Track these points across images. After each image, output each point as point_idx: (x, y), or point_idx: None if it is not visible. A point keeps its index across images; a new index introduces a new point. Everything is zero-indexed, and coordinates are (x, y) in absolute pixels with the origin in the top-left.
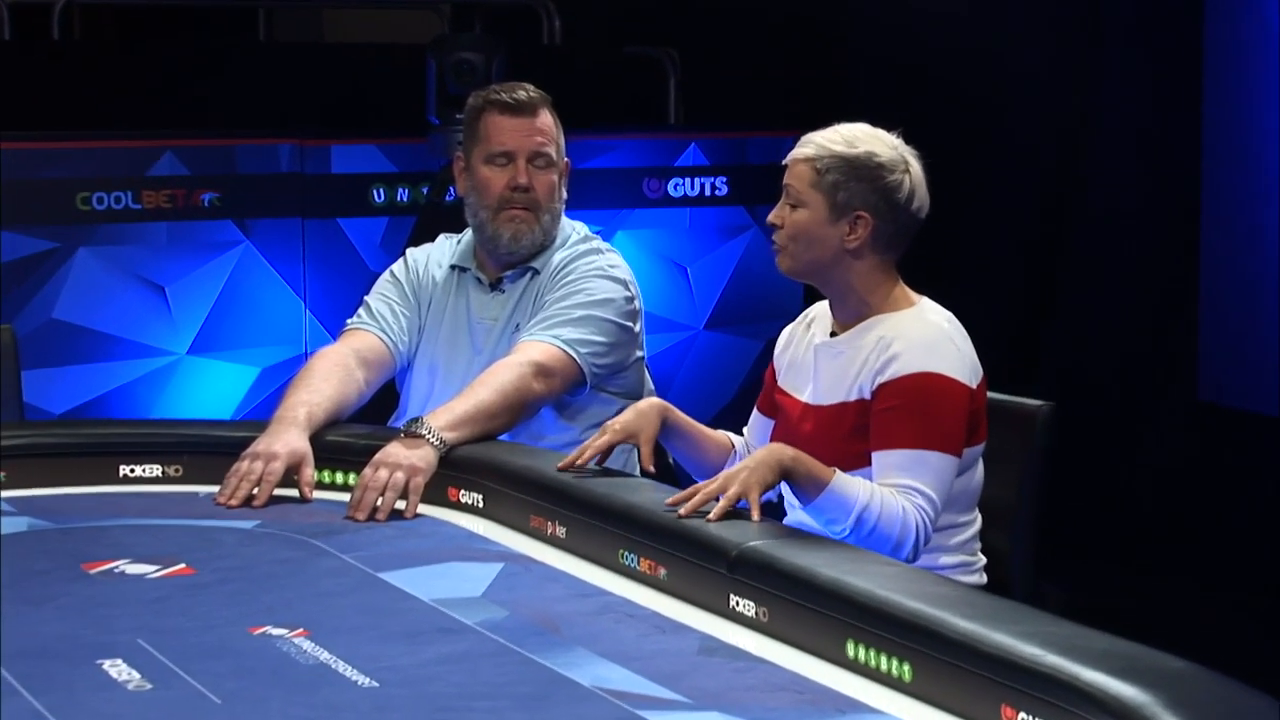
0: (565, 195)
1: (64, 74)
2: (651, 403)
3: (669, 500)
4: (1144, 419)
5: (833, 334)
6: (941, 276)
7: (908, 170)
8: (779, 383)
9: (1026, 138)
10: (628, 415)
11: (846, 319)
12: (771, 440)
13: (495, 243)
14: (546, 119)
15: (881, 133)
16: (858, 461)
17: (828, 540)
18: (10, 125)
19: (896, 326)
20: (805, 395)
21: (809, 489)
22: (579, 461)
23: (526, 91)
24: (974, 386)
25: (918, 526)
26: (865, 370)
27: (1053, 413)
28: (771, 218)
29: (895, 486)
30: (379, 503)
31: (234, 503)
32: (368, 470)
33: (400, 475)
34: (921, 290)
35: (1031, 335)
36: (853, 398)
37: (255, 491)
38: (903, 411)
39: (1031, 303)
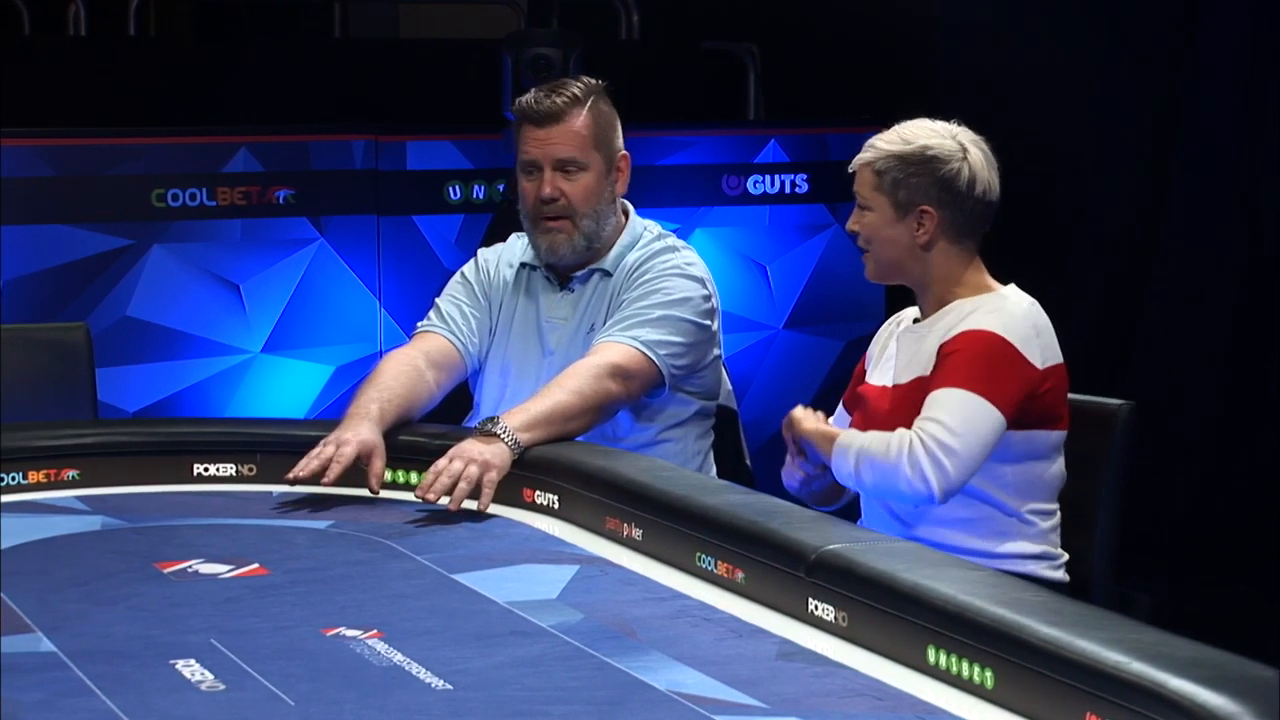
0: (621, 190)
1: (139, 70)
2: None
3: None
4: (1233, 419)
5: (916, 321)
6: (1029, 273)
7: (965, 158)
8: (867, 378)
9: (1116, 132)
10: None
11: (930, 308)
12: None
13: (537, 252)
14: (576, 122)
15: (939, 125)
16: None
17: (908, 544)
18: (86, 121)
19: (975, 304)
20: (886, 379)
21: (825, 447)
22: None
23: (557, 97)
24: (1041, 368)
25: (912, 443)
26: (939, 342)
27: (1132, 412)
28: (849, 225)
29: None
30: (447, 501)
31: (304, 475)
32: (441, 460)
33: (474, 469)
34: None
35: (1119, 335)
36: (928, 372)
37: (326, 474)
38: (954, 356)
39: (1119, 302)
